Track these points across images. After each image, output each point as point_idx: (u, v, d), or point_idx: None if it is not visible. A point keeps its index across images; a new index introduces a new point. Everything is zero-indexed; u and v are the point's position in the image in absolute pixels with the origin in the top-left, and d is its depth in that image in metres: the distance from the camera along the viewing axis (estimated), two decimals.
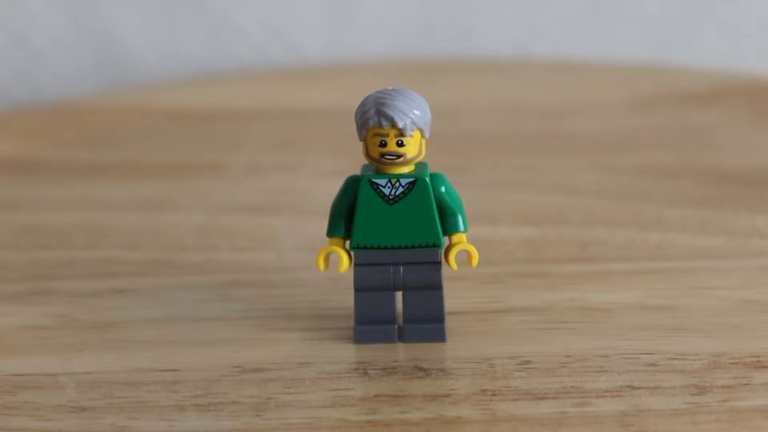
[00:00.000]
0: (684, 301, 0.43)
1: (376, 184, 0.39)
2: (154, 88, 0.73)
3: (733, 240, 0.49)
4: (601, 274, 0.46)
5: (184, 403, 0.37)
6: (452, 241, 0.40)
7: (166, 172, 0.59)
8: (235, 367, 0.39)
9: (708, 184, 0.55)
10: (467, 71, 0.74)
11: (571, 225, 0.51)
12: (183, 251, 0.49)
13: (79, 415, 0.37)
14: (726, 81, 0.70)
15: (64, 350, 0.41)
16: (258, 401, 0.37)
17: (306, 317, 0.43)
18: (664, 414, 0.36)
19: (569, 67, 0.74)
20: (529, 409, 0.36)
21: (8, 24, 0.76)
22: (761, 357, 0.39)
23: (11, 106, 0.76)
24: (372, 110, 0.38)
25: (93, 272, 0.47)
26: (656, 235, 0.49)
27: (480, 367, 0.39)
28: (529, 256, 0.48)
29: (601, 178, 0.57)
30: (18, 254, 0.49)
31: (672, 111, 0.66)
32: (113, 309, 0.44)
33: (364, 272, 0.40)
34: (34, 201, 0.56)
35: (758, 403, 0.36)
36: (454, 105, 0.67)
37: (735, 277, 0.45)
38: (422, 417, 0.36)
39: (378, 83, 0.41)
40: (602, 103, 0.68)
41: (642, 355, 0.39)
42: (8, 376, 0.39)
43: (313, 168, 0.59)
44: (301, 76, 0.74)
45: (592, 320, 0.42)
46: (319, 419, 0.36)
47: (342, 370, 0.39)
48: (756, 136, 0.63)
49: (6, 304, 0.45)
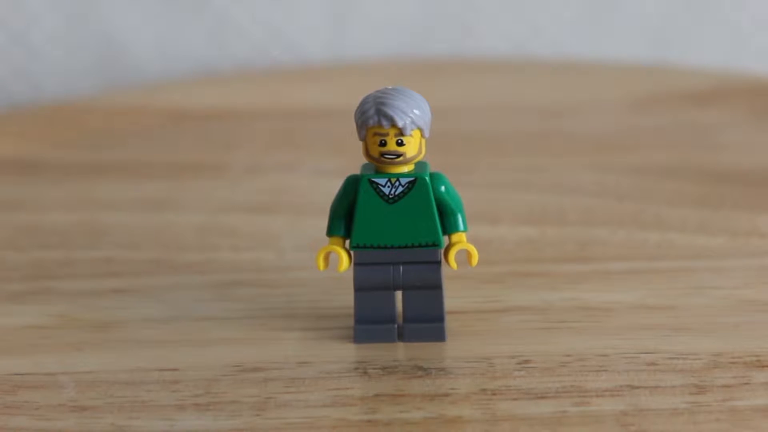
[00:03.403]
0: (684, 301, 0.43)
1: (376, 183, 0.39)
2: (154, 88, 0.73)
3: (733, 240, 0.49)
4: (600, 274, 0.46)
5: (184, 402, 0.37)
6: (452, 240, 0.40)
7: (166, 172, 0.59)
8: (235, 366, 0.39)
9: (708, 184, 0.55)
10: (467, 71, 0.74)
11: (571, 225, 0.51)
12: (183, 251, 0.49)
13: (79, 415, 0.37)
14: (726, 81, 0.70)
15: (64, 350, 0.41)
16: (258, 401, 0.37)
17: (306, 317, 0.43)
18: (664, 413, 0.36)
19: (569, 67, 0.74)
20: (529, 408, 0.36)
21: (8, 23, 0.76)
22: (761, 357, 0.39)
23: (11, 105, 0.76)
24: (372, 110, 0.38)
25: (93, 272, 0.47)
26: (656, 235, 0.49)
27: (480, 366, 0.39)
28: (529, 256, 0.48)
29: (601, 178, 0.57)
30: (18, 254, 0.49)
31: (672, 111, 0.66)
32: (113, 309, 0.44)
33: (364, 272, 0.40)
34: (34, 201, 0.56)
35: (758, 402, 0.36)
36: (454, 105, 0.67)
37: (735, 277, 0.45)
38: (422, 416, 0.36)
39: (378, 83, 0.41)
40: (602, 103, 0.68)
41: (642, 354, 0.39)
42: (8, 375, 0.39)
43: (312, 168, 0.59)
44: (301, 76, 0.74)
45: (592, 320, 0.42)
46: (318, 419, 0.36)
47: (342, 370, 0.39)
48: (756, 136, 0.63)
49: (6, 304, 0.45)
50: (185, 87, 0.73)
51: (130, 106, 0.69)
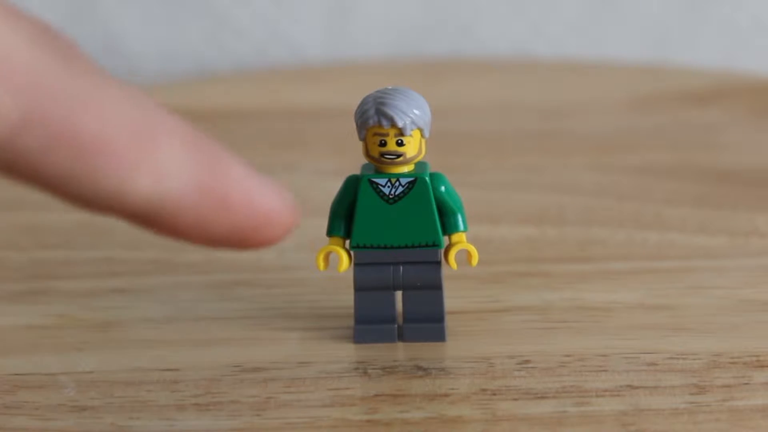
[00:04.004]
0: (684, 301, 0.43)
1: (376, 183, 0.39)
2: (153, 88, 0.73)
3: (733, 240, 0.49)
4: (600, 274, 0.46)
5: (184, 402, 0.37)
6: (452, 240, 0.40)
7: None
8: (235, 366, 0.39)
9: (708, 184, 0.55)
10: (467, 71, 0.74)
11: (571, 225, 0.51)
12: (183, 251, 0.49)
13: (79, 415, 0.37)
14: (726, 81, 0.70)
15: (64, 350, 0.41)
16: (258, 401, 0.37)
17: (306, 317, 0.43)
18: (664, 413, 0.36)
19: (569, 67, 0.74)
20: (528, 408, 0.36)
21: None
22: (761, 356, 0.39)
23: None
24: (372, 110, 0.38)
25: (93, 272, 0.47)
26: (656, 235, 0.49)
27: (480, 366, 0.39)
28: (529, 256, 0.48)
29: (601, 178, 0.57)
30: (18, 254, 0.49)
31: (672, 111, 0.66)
32: (113, 309, 0.44)
33: (364, 272, 0.40)
34: (34, 201, 0.56)
35: (758, 402, 0.36)
36: (454, 105, 0.67)
37: (735, 276, 0.45)
38: (422, 416, 0.36)
39: (378, 83, 0.41)
40: (602, 103, 0.68)
41: (642, 354, 0.39)
42: (8, 375, 0.39)
43: (313, 168, 0.59)
44: (301, 76, 0.75)
45: (591, 320, 0.42)
46: (318, 419, 0.36)
47: (342, 370, 0.39)
48: (756, 136, 0.63)
49: (6, 304, 0.45)
50: (185, 87, 0.73)
51: None
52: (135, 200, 0.26)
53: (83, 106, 0.25)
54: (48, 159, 0.25)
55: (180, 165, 0.27)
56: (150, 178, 0.26)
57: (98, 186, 0.26)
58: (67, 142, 0.25)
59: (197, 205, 0.27)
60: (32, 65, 0.25)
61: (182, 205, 0.27)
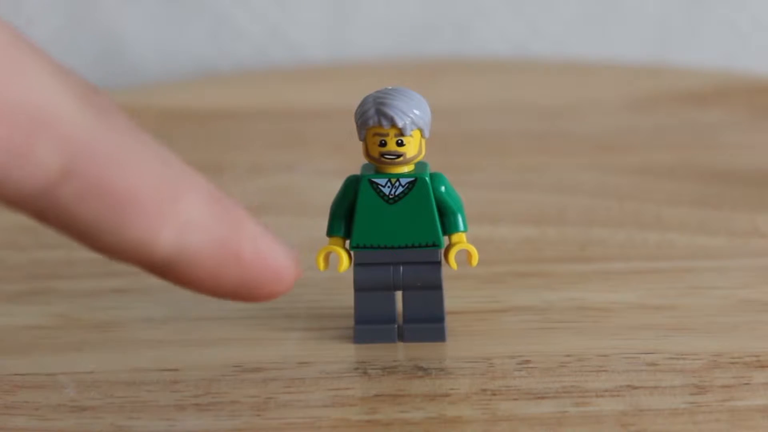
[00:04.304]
0: (684, 301, 0.43)
1: (376, 183, 0.39)
2: (153, 88, 0.73)
3: (733, 240, 0.49)
4: (600, 274, 0.46)
5: (184, 402, 0.37)
6: (452, 240, 0.40)
7: None
8: (235, 366, 0.39)
9: (708, 184, 0.55)
10: (467, 71, 0.74)
11: (571, 225, 0.51)
12: None
13: (79, 415, 0.37)
14: (726, 81, 0.70)
15: (64, 350, 0.41)
16: (258, 401, 0.37)
17: (306, 317, 0.43)
18: (664, 413, 0.36)
19: (569, 67, 0.74)
20: (529, 408, 0.36)
21: None
22: (761, 357, 0.39)
23: None
24: (372, 110, 0.38)
25: (93, 272, 0.47)
26: (656, 235, 0.49)
27: (480, 366, 0.39)
28: (529, 256, 0.48)
29: (601, 178, 0.57)
30: (18, 254, 0.49)
31: (672, 111, 0.66)
32: (113, 309, 0.44)
33: (364, 272, 0.40)
34: None
35: (758, 402, 0.36)
36: (454, 105, 0.67)
37: (735, 277, 0.45)
38: (422, 417, 0.36)
39: (378, 83, 0.41)
40: (602, 103, 0.68)
41: (642, 354, 0.39)
42: (8, 375, 0.39)
43: (313, 168, 0.59)
44: (301, 76, 0.75)
45: (591, 320, 0.42)
46: (319, 419, 0.36)
47: (342, 370, 0.39)
48: (756, 136, 0.63)
49: (6, 304, 0.45)
50: (185, 87, 0.73)
51: (130, 106, 0.68)
52: (157, 251, 0.28)
53: (118, 162, 0.27)
54: (80, 209, 0.27)
55: (201, 220, 0.28)
56: (173, 231, 0.28)
57: (125, 236, 0.27)
58: (100, 194, 0.27)
59: (212, 259, 0.29)
60: (77, 122, 0.26)
61: (199, 257, 0.29)
